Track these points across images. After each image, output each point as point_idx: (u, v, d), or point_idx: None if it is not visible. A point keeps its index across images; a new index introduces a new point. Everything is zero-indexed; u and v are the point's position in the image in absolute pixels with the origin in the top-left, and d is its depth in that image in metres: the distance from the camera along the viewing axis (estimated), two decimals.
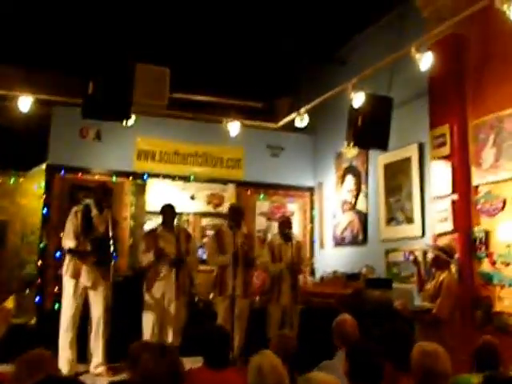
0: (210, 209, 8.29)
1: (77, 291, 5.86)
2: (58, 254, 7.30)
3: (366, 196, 7.74)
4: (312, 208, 9.08)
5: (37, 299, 7.28)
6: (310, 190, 9.14)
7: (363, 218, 7.73)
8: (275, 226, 8.37)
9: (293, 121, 8.02)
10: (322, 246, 8.79)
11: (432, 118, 6.26)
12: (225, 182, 8.48)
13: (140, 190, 7.94)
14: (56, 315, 6.88)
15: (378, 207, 7.38)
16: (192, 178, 8.26)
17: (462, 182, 5.84)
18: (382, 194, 7.28)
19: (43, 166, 7.78)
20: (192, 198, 8.03)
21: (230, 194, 8.45)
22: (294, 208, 8.93)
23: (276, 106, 10.13)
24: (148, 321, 6.11)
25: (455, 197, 5.81)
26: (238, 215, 6.59)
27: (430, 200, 6.24)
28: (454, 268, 5.40)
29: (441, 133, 6.05)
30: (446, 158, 5.97)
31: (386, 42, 7.43)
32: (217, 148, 8.50)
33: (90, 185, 7.56)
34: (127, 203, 7.80)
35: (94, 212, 6.02)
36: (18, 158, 7.73)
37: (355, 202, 7.93)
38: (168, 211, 6.39)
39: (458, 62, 6.11)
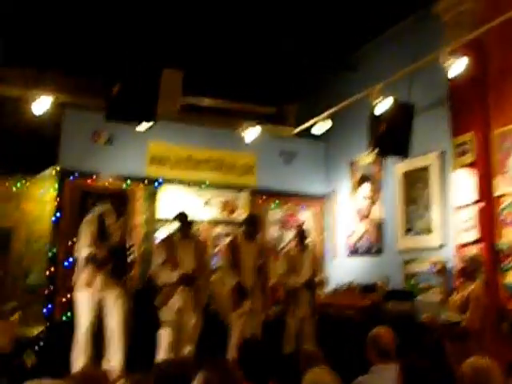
0: (223, 216, 8.13)
1: (91, 301, 5.64)
2: (68, 262, 7.14)
3: (382, 205, 7.60)
4: (324, 216, 8.92)
5: (46, 309, 7.06)
6: (322, 197, 8.99)
7: (379, 227, 7.60)
8: (288, 234, 8.30)
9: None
10: (334, 255, 8.64)
11: (454, 126, 6.16)
12: (238, 189, 8.33)
13: (152, 196, 7.77)
14: (66, 325, 6.79)
15: (395, 216, 7.25)
16: (206, 184, 8.08)
17: (485, 191, 5.72)
18: (400, 203, 7.15)
19: (50, 171, 7.61)
20: (206, 204, 7.87)
21: (243, 201, 8.31)
22: (306, 216, 8.78)
23: (284, 112, 10.04)
24: (165, 336, 5.91)
25: (482, 205, 5.67)
26: (254, 225, 6.43)
27: (453, 209, 6.10)
28: (481, 279, 5.24)
29: (464, 141, 5.94)
30: (469, 166, 5.85)
31: (401, 48, 7.38)
32: (230, 154, 8.37)
33: (101, 190, 7.46)
34: (139, 209, 7.61)
35: (110, 219, 5.85)
36: (25, 162, 7.54)
37: (370, 211, 7.78)
38: (185, 219, 6.22)
39: (481, 69, 5.99)
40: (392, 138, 6.09)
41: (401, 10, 7.02)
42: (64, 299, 7.02)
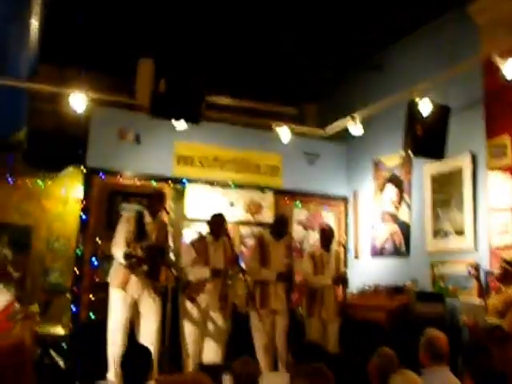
0: (248, 217, 8.10)
1: (125, 303, 5.62)
2: (94, 261, 7.14)
3: (410, 207, 7.59)
4: (346, 217, 8.92)
5: (73, 308, 7.00)
6: (344, 199, 8.99)
7: (406, 229, 7.58)
8: (312, 235, 8.30)
9: (323, 128, 8.03)
10: (356, 256, 8.63)
11: (489, 128, 6.16)
12: (263, 189, 8.30)
13: (179, 196, 7.74)
14: (92, 325, 6.77)
15: (423, 218, 7.23)
16: (232, 184, 8.06)
17: None
18: (429, 205, 7.13)
19: (74, 169, 7.61)
20: (231, 204, 7.85)
21: (268, 202, 8.29)
22: (329, 217, 8.77)
23: (304, 111, 10.04)
24: (191, 332, 5.92)
25: None
26: (283, 225, 6.43)
27: (487, 212, 6.09)
28: None
29: (500, 143, 5.94)
30: (506, 168, 5.85)
31: (430, 48, 7.39)
32: (255, 154, 8.35)
33: (129, 189, 7.46)
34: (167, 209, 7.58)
35: (148, 219, 5.82)
36: (51, 160, 7.54)
37: (397, 213, 7.77)
38: (218, 221, 6.20)
39: None
40: (429, 139, 6.07)
41: (431, 10, 7.02)
42: (90, 299, 7.00)
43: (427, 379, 3.80)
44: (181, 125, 7.03)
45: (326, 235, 6.72)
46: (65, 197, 8.01)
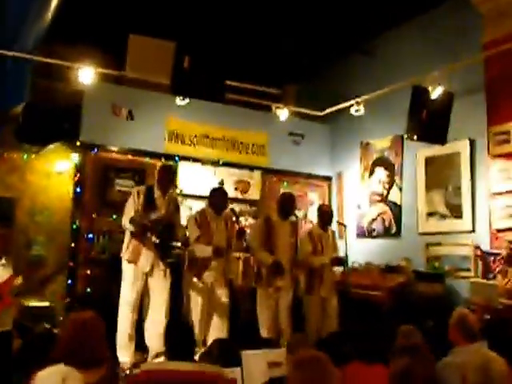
0: (237, 195, 8.11)
1: (136, 276, 5.57)
2: (90, 236, 7.06)
3: (401, 189, 7.78)
4: (330, 197, 9.05)
5: (69, 282, 6.94)
6: (328, 179, 9.11)
7: (397, 210, 7.77)
8: (298, 214, 8.35)
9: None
10: (341, 236, 8.74)
11: (491, 115, 6.36)
12: (251, 168, 8.32)
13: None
14: (87, 299, 6.67)
15: (416, 200, 7.43)
16: (221, 162, 8.03)
17: None
18: (422, 188, 7.33)
19: (62, 144, 7.38)
20: (221, 183, 7.80)
21: (256, 180, 8.31)
22: (314, 197, 8.87)
23: (285, 92, 10.02)
24: (197, 308, 5.89)
25: None
26: (290, 204, 6.44)
27: (489, 196, 6.31)
28: None
29: (504, 130, 6.15)
30: (510, 155, 6.08)
31: (424, 35, 7.53)
32: (243, 133, 8.34)
33: (123, 165, 7.35)
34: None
35: (157, 193, 5.74)
36: (41, 135, 7.26)
37: (387, 194, 7.95)
38: (220, 195, 6.19)
39: None
40: (432, 125, 6.21)
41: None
42: (87, 273, 6.97)
43: (461, 357, 3.94)
44: (183, 101, 6.98)
45: (325, 215, 6.74)
46: (49, 171, 7.75)
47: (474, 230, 6.62)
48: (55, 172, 7.55)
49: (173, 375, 2.85)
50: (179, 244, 6.05)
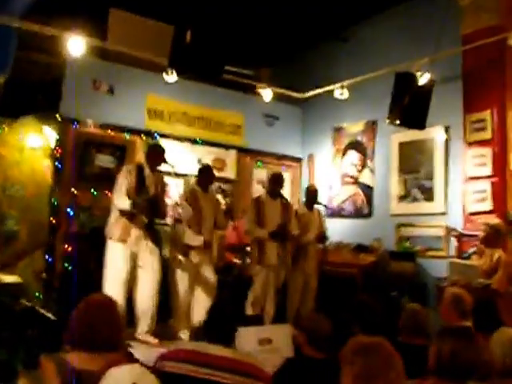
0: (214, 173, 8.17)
1: (125, 256, 5.53)
2: (70, 211, 6.96)
3: (373, 171, 8.08)
4: (300, 178, 9.29)
5: (47, 258, 6.84)
6: (299, 160, 9.34)
7: (369, 191, 8.08)
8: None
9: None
10: None
11: (468, 103, 6.70)
12: (227, 147, 8.44)
13: None
14: (67, 276, 6.65)
15: (389, 183, 7.75)
16: (199, 141, 8.10)
17: (500, 166, 6.34)
18: (395, 171, 7.64)
19: (31, 117, 7.27)
20: (199, 161, 7.88)
21: (231, 159, 8.43)
22: (286, 177, 9.02)
23: (259, 74, 10.12)
24: (182, 285, 6.00)
25: (496, 179, 6.30)
26: (279, 184, 6.61)
27: (465, 180, 6.67)
28: (504, 246, 5.81)
29: (480, 118, 6.50)
30: (486, 142, 6.44)
31: (399, 22, 7.80)
32: (220, 113, 8.44)
33: (104, 140, 7.29)
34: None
35: (147, 172, 5.77)
36: (11, 106, 7.11)
37: (359, 177, 8.24)
38: (209, 174, 6.32)
39: (499, 51, 6.49)
40: (414, 110, 6.48)
41: None
42: (66, 249, 6.87)
43: None
44: (171, 77, 6.99)
45: (311, 195, 6.97)
46: (21, 144, 7.61)
47: (446, 213, 6.97)
48: (29, 146, 7.44)
49: (214, 360, 2.73)
50: (168, 221, 6.16)
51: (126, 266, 5.55)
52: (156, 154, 5.86)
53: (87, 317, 2.49)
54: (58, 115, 6.99)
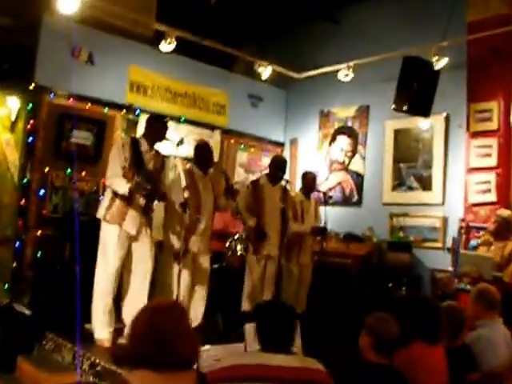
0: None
1: (122, 240, 4.89)
2: (41, 191, 6.34)
3: (364, 158, 7.78)
4: None
5: (16, 245, 6.14)
6: (281, 145, 8.97)
7: (359, 179, 7.78)
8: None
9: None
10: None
11: (473, 92, 6.46)
12: (212, 127, 7.97)
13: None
14: (38, 264, 6.08)
15: (382, 171, 7.48)
16: (183, 119, 7.61)
17: (505, 157, 6.14)
18: (390, 159, 7.37)
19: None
20: (180, 142, 7.34)
21: (215, 140, 7.95)
22: (267, 162, 8.66)
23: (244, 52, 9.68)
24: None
25: (500, 170, 6.11)
26: (281, 169, 6.19)
27: (466, 171, 6.44)
28: None
29: (486, 108, 6.29)
30: (491, 133, 6.22)
31: (395, 8, 7.52)
32: (204, 90, 7.96)
33: (81, 114, 6.65)
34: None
35: (144, 146, 5.15)
36: None
37: (349, 163, 7.93)
38: (207, 152, 5.70)
39: (505, 41, 6.29)
40: (420, 97, 6.22)
41: None
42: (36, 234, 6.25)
43: (486, 330, 3.97)
44: (166, 48, 6.54)
45: (308, 182, 6.57)
46: None
47: (443, 203, 6.74)
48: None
49: (279, 372, 2.45)
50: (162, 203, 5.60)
51: (120, 254, 4.95)
52: (158, 127, 5.15)
53: (155, 329, 2.00)
54: (31, 85, 6.31)
